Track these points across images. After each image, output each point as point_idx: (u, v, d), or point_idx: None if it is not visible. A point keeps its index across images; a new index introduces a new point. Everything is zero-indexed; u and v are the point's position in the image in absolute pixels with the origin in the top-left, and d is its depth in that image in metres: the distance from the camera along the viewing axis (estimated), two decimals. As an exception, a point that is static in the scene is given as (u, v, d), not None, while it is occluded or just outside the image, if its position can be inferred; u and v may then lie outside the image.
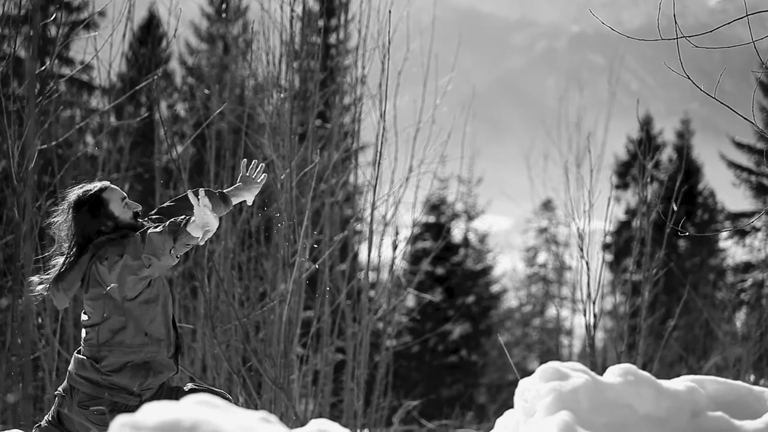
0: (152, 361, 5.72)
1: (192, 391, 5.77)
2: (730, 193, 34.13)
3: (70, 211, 5.78)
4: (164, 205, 6.21)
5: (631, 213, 34.51)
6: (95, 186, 5.82)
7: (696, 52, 6.13)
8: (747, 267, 32.37)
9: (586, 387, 4.55)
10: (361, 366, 11.52)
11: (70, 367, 5.75)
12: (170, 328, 5.86)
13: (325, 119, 15.40)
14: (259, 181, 6.35)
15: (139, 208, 5.85)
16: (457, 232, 35.01)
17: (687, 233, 6.70)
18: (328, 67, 13.65)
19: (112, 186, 5.84)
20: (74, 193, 5.81)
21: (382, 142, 10.33)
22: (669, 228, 9.95)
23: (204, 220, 5.27)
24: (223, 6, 25.58)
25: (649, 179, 11.15)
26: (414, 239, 29.48)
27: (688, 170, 33.08)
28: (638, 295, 11.31)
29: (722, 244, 34.29)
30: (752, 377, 16.34)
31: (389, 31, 10.27)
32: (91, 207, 5.76)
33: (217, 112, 12.41)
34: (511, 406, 5.11)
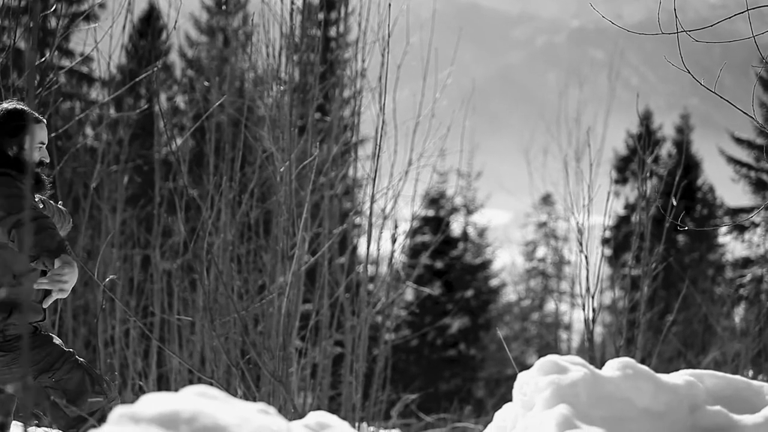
0: (17, 301, 5.59)
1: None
2: (729, 189, 34.18)
3: None
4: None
5: (630, 208, 34.55)
6: (32, 113, 5.66)
7: (696, 47, 6.13)
8: (746, 262, 32.41)
9: (585, 380, 4.55)
10: (360, 359, 11.52)
11: None
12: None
13: (324, 112, 15.39)
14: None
15: (47, 161, 5.73)
16: (456, 226, 35.06)
17: (686, 228, 6.71)
18: (327, 60, 13.64)
19: (43, 125, 5.73)
20: (11, 106, 5.67)
21: (381, 136, 10.32)
22: (668, 223, 9.94)
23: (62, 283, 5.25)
24: (224, -2, 25.60)
25: (648, 174, 11.15)
26: (413, 233, 29.50)
27: (688, 165, 33.12)
28: (637, 289, 11.30)
29: (721, 240, 34.35)
30: (751, 372, 16.34)
31: (389, 25, 10.26)
32: (15, 127, 5.60)
33: (217, 104, 12.41)
34: (510, 400, 5.11)
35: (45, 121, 5.78)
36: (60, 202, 5.98)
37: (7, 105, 5.69)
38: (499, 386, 33.23)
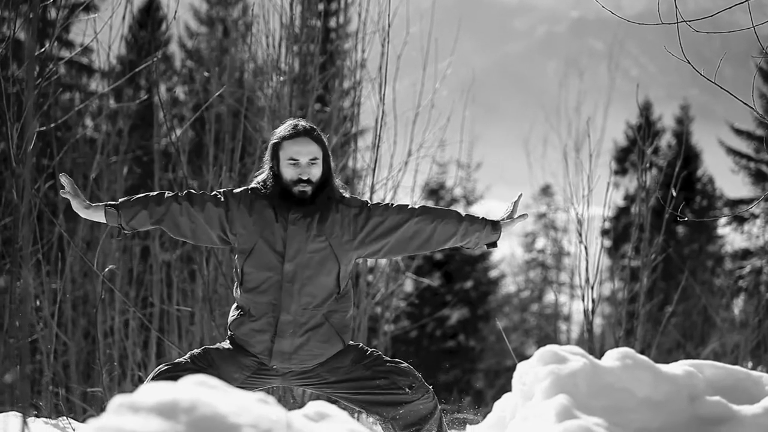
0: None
1: None
2: (729, 180, 34.17)
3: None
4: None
5: (630, 199, 34.53)
6: (291, 130, 5.62)
7: (696, 38, 6.12)
8: (745, 254, 32.41)
9: (585, 371, 4.55)
10: (359, 350, 11.51)
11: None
12: None
13: (324, 103, 15.38)
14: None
15: (305, 178, 5.54)
16: (455, 217, 34.95)
17: (686, 219, 6.72)
18: (327, 50, 13.63)
19: (300, 140, 5.58)
20: (288, 122, 5.72)
21: (381, 126, 10.32)
22: (668, 214, 9.95)
23: None
24: (223, -11, 25.57)
25: (648, 165, 11.15)
26: (413, 224, 29.41)
27: (687, 156, 33.10)
28: (637, 281, 11.31)
29: (721, 231, 34.32)
30: (750, 364, 16.35)
31: (389, 15, 10.25)
32: (274, 144, 5.64)
33: (217, 94, 12.40)
34: (509, 391, 5.11)
35: (310, 133, 5.62)
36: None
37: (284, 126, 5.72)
38: (499, 377, 33.24)
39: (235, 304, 5.74)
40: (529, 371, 4.76)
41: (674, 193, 10.38)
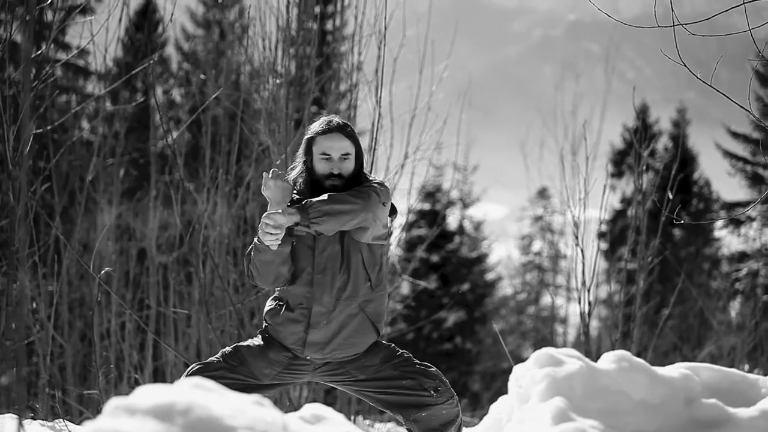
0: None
1: None
2: (725, 183, 34.19)
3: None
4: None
5: (626, 201, 34.58)
6: (324, 126, 5.71)
7: (692, 41, 6.13)
8: (742, 256, 32.42)
9: (581, 373, 4.55)
10: (356, 352, 11.49)
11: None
12: None
13: (320, 105, 15.37)
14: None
15: (336, 172, 5.63)
16: (452, 220, 35.03)
17: (682, 222, 6.70)
18: (324, 53, 13.62)
19: (334, 135, 5.67)
20: (322, 118, 5.78)
21: (377, 129, 10.31)
22: (664, 217, 9.94)
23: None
24: (220, -9, 25.56)
25: (644, 168, 11.13)
26: (409, 226, 29.47)
27: (684, 159, 33.13)
28: (633, 283, 11.29)
29: (717, 234, 34.36)
30: (746, 367, 16.35)
31: (386, 18, 10.25)
32: (308, 139, 5.73)
33: (213, 97, 12.38)
34: (506, 394, 5.12)
35: (343, 129, 5.71)
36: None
37: (321, 120, 5.79)
38: (495, 380, 33.25)
39: (273, 296, 5.86)
40: (526, 374, 4.77)
41: (671, 196, 10.37)
